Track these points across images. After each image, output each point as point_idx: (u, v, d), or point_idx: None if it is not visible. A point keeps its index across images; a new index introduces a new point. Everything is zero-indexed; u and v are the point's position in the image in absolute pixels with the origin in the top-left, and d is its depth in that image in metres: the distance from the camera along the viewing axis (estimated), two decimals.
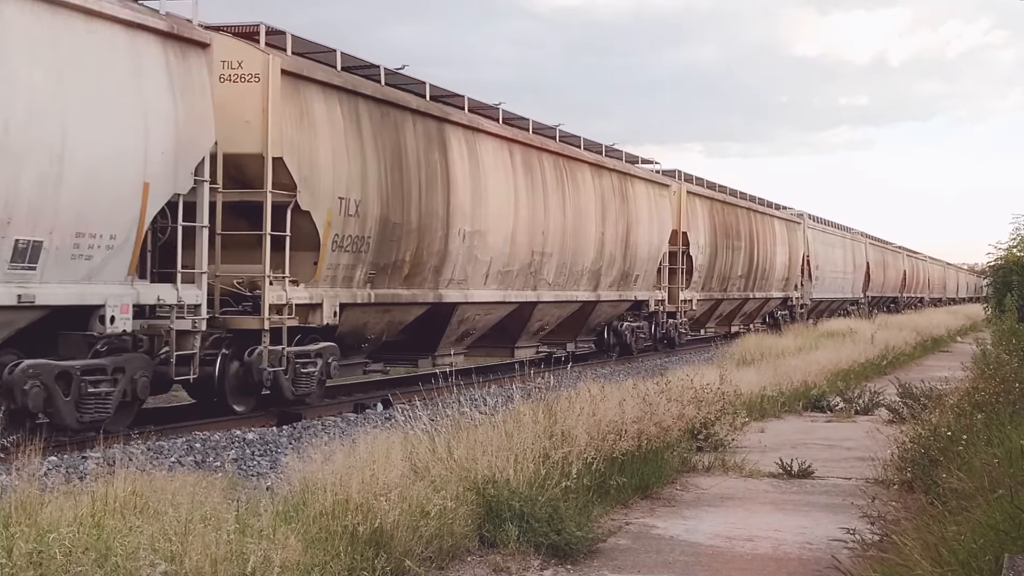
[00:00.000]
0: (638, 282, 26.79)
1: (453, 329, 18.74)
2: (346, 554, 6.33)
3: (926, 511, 7.15)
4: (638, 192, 26.79)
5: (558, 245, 21.90)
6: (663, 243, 28.40)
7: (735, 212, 35.86)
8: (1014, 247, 26.93)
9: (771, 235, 39.74)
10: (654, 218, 27.69)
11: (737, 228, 35.55)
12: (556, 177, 22.20)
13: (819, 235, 48.25)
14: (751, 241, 37.09)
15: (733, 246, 34.96)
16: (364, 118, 15.81)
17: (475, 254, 18.71)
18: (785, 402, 16.58)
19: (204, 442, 12.33)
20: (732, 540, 8.25)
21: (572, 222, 22.56)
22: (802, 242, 44.19)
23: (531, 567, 7.27)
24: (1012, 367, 13.00)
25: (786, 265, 41.60)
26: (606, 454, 9.23)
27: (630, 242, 25.91)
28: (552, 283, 21.90)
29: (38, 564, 5.39)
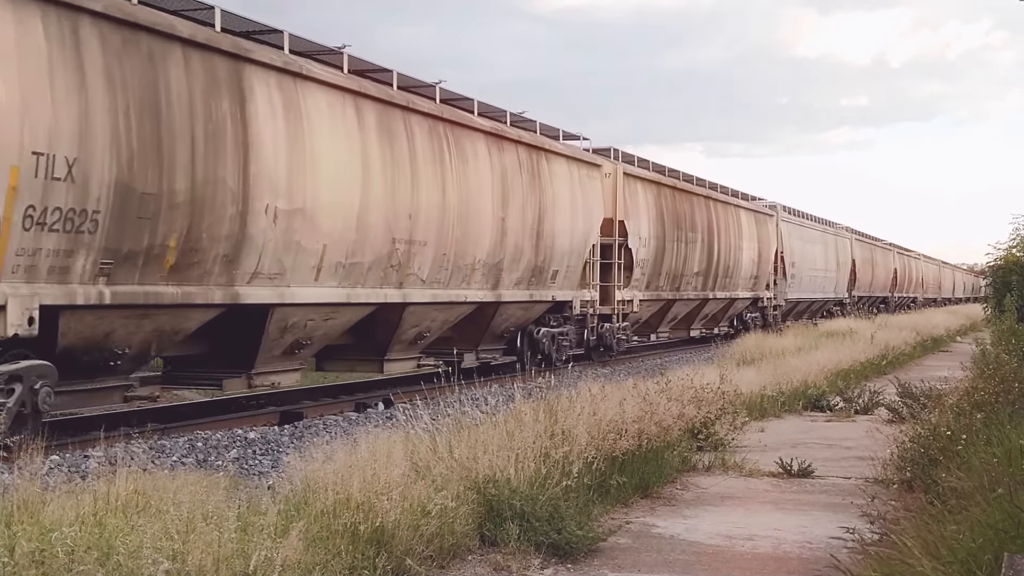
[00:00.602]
0: (557, 279, 22.06)
1: (273, 339, 14.20)
2: (347, 553, 6.34)
3: (926, 510, 7.17)
4: (556, 171, 21.93)
5: (435, 232, 17.13)
6: (591, 233, 23.75)
7: (689, 200, 31.14)
8: (1013, 247, 26.94)
9: (736, 228, 35.16)
10: (579, 203, 22.89)
11: (692, 218, 30.88)
12: (434, 147, 17.26)
13: (795, 229, 44.00)
14: (710, 234, 32.41)
15: (687, 239, 30.31)
16: (89, 43, 11.12)
17: (297, 240, 13.92)
18: (785, 402, 16.60)
19: (206, 441, 12.36)
20: (732, 539, 8.27)
21: (457, 204, 17.75)
22: (775, 237, 40.08)
23: (532, 566, 7.29)
24: (1011, 367, 13.03)
25: (755, 262, 37.10)
26: (606, 453, 9.25)
27: (544, 231, 21.05)
28: (428, 279, 17.23)
29: (40, 563, 5.41)
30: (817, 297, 47.96)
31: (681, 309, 31.30)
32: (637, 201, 27.05)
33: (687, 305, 31.55)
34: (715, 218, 32.97)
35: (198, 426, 13.41)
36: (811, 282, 46.09)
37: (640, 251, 26.82)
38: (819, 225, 49.48)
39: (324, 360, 17.28)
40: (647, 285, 27.78)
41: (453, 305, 18.29)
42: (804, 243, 44.86)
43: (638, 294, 27.01)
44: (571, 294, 22.96)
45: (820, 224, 49.86)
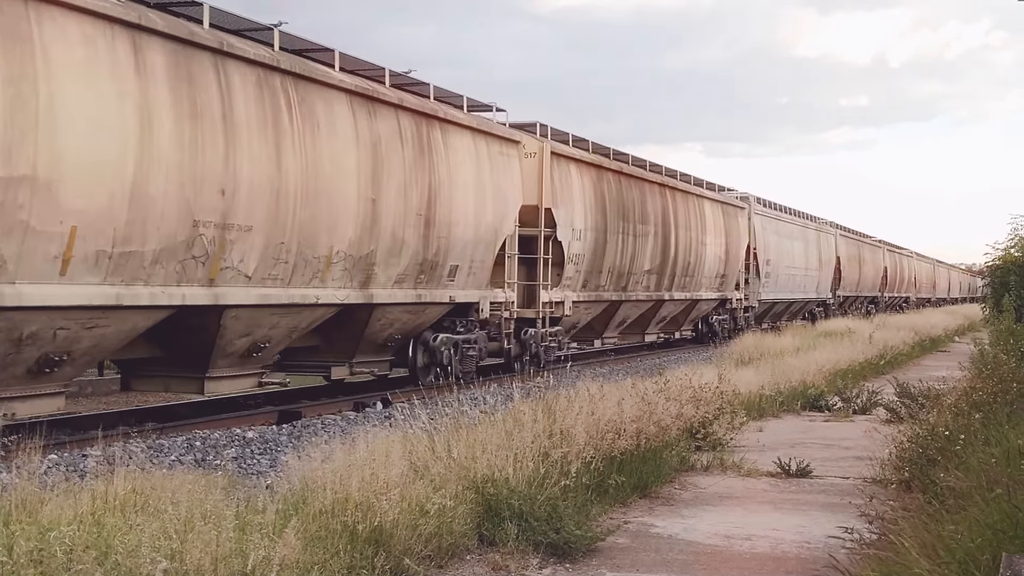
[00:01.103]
0: (458, 277, 18.22)
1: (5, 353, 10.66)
2: (346, 552, 6.34)
3: (924, 510, 7.17)
4: (456, 146, 17.98)
5: (265, 214, 13.18)
6: (505, 222, 19.72)
7: (639, 188, 26.98)
8: (1012, 248, 26.94)
9: (699, 220, 31.28)
10: (487, 186, 18.93)
11: (642, 208, 26.87)
12: (265, 104, 13.26)
13: (771, 223, 40.04)
14: (665, 226, 28.37)
15: (636, 232, 26.34)
16: None
17: (22, 220, 10.27)
18: (783, 401, 16.61)
19: (204, 440, 12.35)
20: (730, 539, 8.27)
21: (302, 179, 13.80)
22: (746, 231, 36.24)
23: (530, 566, 7.29)
24: (1010, 367, 13.04)
25: (721, 259, 33.21)
26: (605, 453, 9.25)
27: (437, 218, 17.16)
28: (257, 276, 13.29)
29: (39, 562, 5.40)
30: (796, 297, 44.33)
31: (630, 312, 27.34)
32: (570, 186, 22.98)
33: (638, 307, 27.68)
34: (672, 208, 29.11)
35: (196, 425, 13.40)
36: (789, 281, 42.39)
37: (573, 245, 22.86)
38: (799, 219, 45.40)
39: (131, 378, 14.12)
40: (584, 284, 23.89)
41: (301, 308, 14.34)
42: (781, 238, 41.21)
43: (571, 295, 23.13)
44: (478, 294, 19.10)
45: (800, 218, 45.92)
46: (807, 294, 45.73)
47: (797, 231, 44.07)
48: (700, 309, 33.00)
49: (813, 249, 46.38)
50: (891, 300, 66.52)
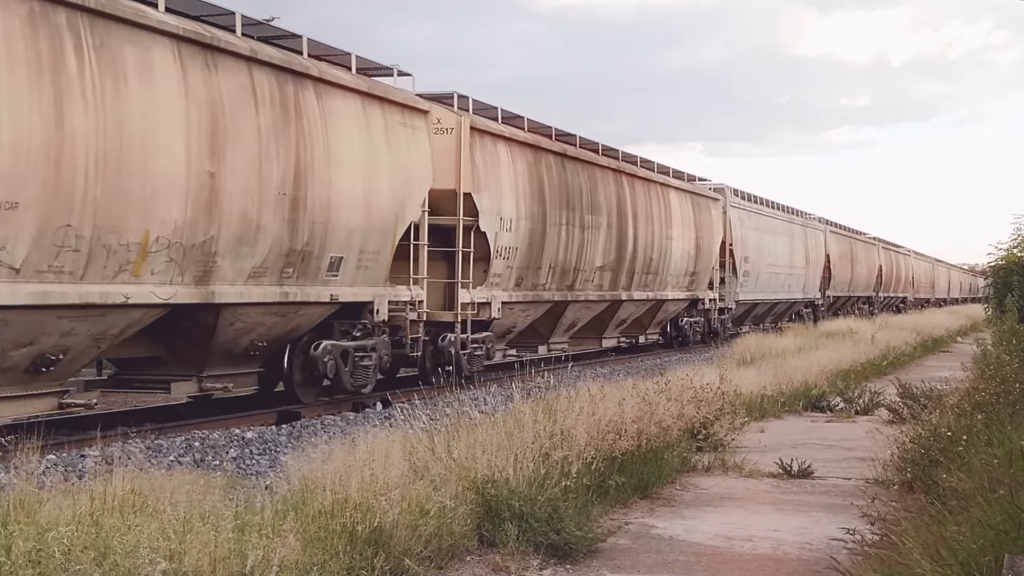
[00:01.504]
0: (344, 271, 15.00)
1: None
2: (345, 553, 6.32)
3: (926, 511, 7.15)
4: (337, 111, 14.70)
5: (37, 188, 10.30)
6: (408, 207, 16.43)
7: (589, 173, 23.75)
8: (1015, 247, 26.92)
9: (664, 212, 28.03)
10: (382, 163, 15.61)
11: (593, 197, 23.67)
12: (40, 48, 10.30)
13: (750, 217, 36.83)
14: (621, 217, 25.09)
15: (584, 223, 23.14)
16: None
17: None
18: (785, 402, 16.59)
19: (203, 441, 12.33)
20: (731, 540, 8.25)
21: (98, 145, 10.90)
22: (720, 225, 33.10)
23: (530, 567, 7.26)
24: (1012, 368, 13.00)
25: (690, 255, 29.94)
26: (606, 454, 9.23)
27: (308, 198, 13.93)
28: (27, 267, 10.36)
29: (37, 563, 5.39)
30: (780, 298, 41.08)
31: (581, 314, 24.25)
32: (497, 169, 19.74)
33: (589, 308, 24.56)
34: (631, 198, 25.83)
35: (195, 426, 13.37)
36: (772, 280, 39.19)
37: (501, 236, 19.66)
38: (782, 213, 42.21)
39: None
40: (518, 282, 20.61)
41: (105, 310, 11.39)
42: (762, 234, 37.94)
43: (501, 294, 19.91)
44: (372, 292, 15.79)
45: (784, 212, 42.68)
46: (792, 294, 42.67)
47: (781, 226, 40.93)
48: (667, 311, 29.82)
49: (799, 246, 43.38)
50: (886, 300, 63.59)
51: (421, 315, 17.35)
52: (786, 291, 41.59)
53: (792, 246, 42.26)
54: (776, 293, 40.28)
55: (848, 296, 54.08)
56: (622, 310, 26.41)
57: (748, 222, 36.55)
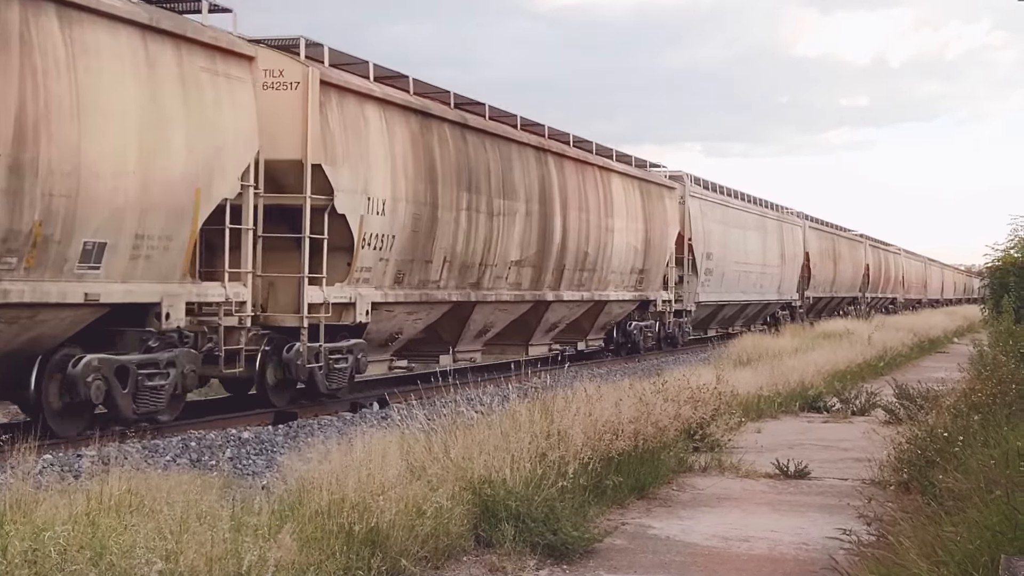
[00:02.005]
0: (108, 261, 11.25)
1: None
2: (342, 553, 6.32)
3: (922, 512, 7.15)
4: (91, 46, 10.88)
5: None
6: (221, 177, 12.81)
7: (501, 149, 19.67)
8: (1011, 248, 26.92)
9: (604, 199, 24.07)
10: (175, 119, 11.99)
11: (506, 177, 19.66)
12: None
13: (713, 209, 33.03)
14: (546, 203, 21.06)
15: (494, 208, 19.15)
16: None
17: None
18: (782, 402, 16.59)
19: (199, 441, 12.31)
20: (728, 541, 8.25)
21: None
22: (676, 217, 29.14)
23: (527, 567, 7.26)
24: (1009, 368, 13.01)
25: (638, 250, 25.94)
26: (602, 454, 9.23)
27: (44, 160, 10.24)
28: None
29: (33, 563, 5.38)
30: (751, 299, 37.06)
31: (494, 317, 20.26)
32: (365, 136, 15.70)
33: (506, 311, 20.46)
34: (559, 181, 21.78)
35: (191, 426, 13.34)
36: (741, 280, 35.36)
37: (371, 221, 15.66)
38: (754, 206, 38.03)
39: None
40: (398, 279, 16.64)
41: None
42: (729, 228, 34.27)
43: (372, 292, 15.96)
44: (158, 292, 12.08)
45: (757, 205, 38.58)
46: (766, 295, 38.53)
47: (752, 220, 37.09)
48: (610, 313, 25.72)
49: (774, 242, 39.47)
50: (874, 302, 59.33)
51: (243, 320, 13.57)
52: (758, 292, 37.62)
53: (765, 242, 38.45)
54: (746, 294, 36.34)
55: (831, 297, 50.33)
56: (551, 312, 22.12)
57: (711, 214, 32.74)
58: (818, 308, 48.02)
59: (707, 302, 32.54)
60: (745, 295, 36.35)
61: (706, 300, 32.29)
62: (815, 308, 47.28)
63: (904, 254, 73.65)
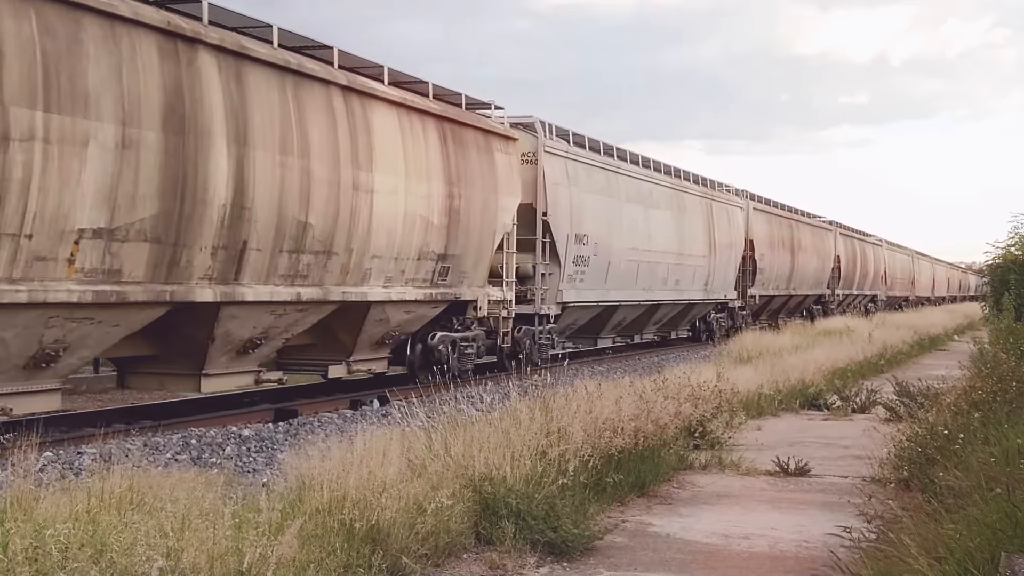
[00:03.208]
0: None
1: None
2: (342, 550, 6.32)
3: (923, 509, 7.16)
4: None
5: None
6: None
7: None
8: (1012, 246, 26.92)
9: (355, 142, 15.27)
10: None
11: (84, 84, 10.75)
12: None
13: (592, 175, 24.20)
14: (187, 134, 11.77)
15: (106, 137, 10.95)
16: None
17: None
18: (782, 400, 16.60)
19: (200, 438, 12.32)
20: (728, 538, 8.25)
21: None
22: (514, 180, 20.31)
23: (527, 564, 7.27)
24: (1009, 366, 13.02)
25: (433, 224, 17.25)
26: (603, 451, 9.23)
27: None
28: None
29: (34, 560, 5.38)
30: (659, 299, 28.11)
31: None
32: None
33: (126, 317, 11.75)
34: (242, 105, 13.01)
35: (192, 423, 13.37)
36: (641, 273, 26.61)
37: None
38: (662, 176, 29.01)
39: None
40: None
41: None
42: (618, 203, 25.44)
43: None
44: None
45: (668, 176, 29.60)
46: (686, 293, 30.14)
47: (660, 195, 28.32)
48: (386, 322, 16.73)
49: (697, 225, 30.96)
50: (846, 299, 51.77)
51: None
52: (674, 288, 29.08)
53: (684, 225, 29.84)
54: (650, 291, 27.41)
55: (787, 295, 41.68)
56: (225, 322, 13.14)
57: (586, 181, 23.74)
58: (771, 309, 40.44)
59: (581, 303, 23.47)
60: (649, 294, 27.34)
61: (577, 300, 23.16)
62: (767, 308, 39.75)
63: (887, 246, 65.52)
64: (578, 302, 23.51)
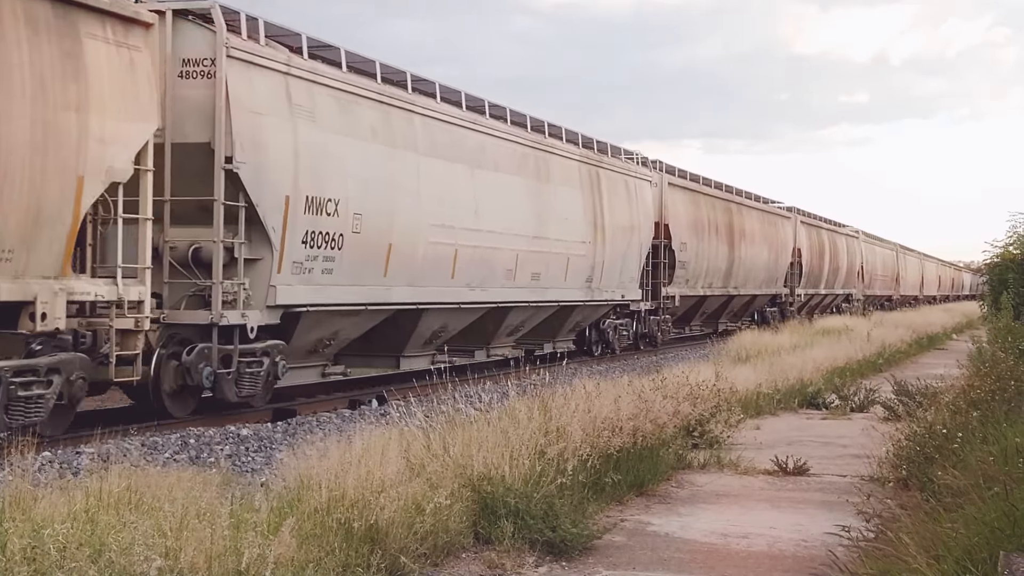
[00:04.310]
0: None
1: None
2: (341, 550, 6.32)
3: (921, 508, 7.16)
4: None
5: None
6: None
7: None
8: (1010, 245, 26.92)
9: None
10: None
11: None
12: None
13: (357, 111, 15.93)
14: None
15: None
16: None
17: None
18: (780, 399, 16.60)
19: (198, 438, 12.31)
20: (727, 537, 8.25)
21: None
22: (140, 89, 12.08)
23: (526, 564, 7.26)
24: (1008, 365, 13.02)
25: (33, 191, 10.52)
26: (601, 451, 9.23)
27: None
28: None
29: (32, 560, 5.38)
30: (501, 300, 19.87)
31: None
32: None
33: None
34: None
35: (190, 423, 13.35)
36: (466, 265, 18.60)
37: None
38: (509, 128, 20.56)
39: None
40: None
41: None
42: (404, 156, 17.09)
43: None
44: None
45: (519, 130, 21.03)
46: (552, 292, 21.84)
47: (499, 152, 19.90)
48: None
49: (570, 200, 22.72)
50: (811, 300, 44.64)
51: None
52: (524, 286, 20.67)
53: (548, 198, 21.62)
54: (483, 289, 19.18)
55: (725, 295, 33.33)
56: None
57: (332, 117, 15.48)
58: (705, 312, 32.66)
59: (321, 306, 15.18)
60: (481, 292, 19.06)
61: (312, 303, 14.97)
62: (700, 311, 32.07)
63: (865, 238, 57.14)
64: (316, 305, 15.06)
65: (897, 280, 65.78)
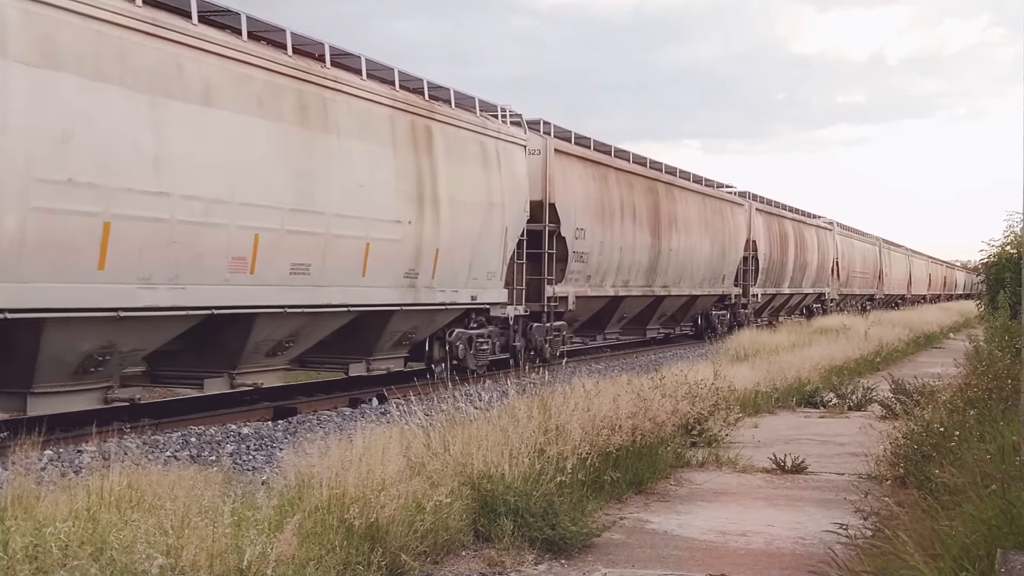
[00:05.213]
0: None
1: None
2: (342, 548, 6.34)
3: (919, 506, 7.18)
4: None
5: None
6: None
7: None
8: (1007, 244, 26.96)
9: None
10: None
11: None
12: None
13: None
14: None
15: None
16: None
17: None
18: (779, 398, 16.63)
19: (199, 436, 12.35)
20: (726, 535, 8.28)
21: None
22: None
23: (525, 562, 7.29)
24: (1004, 363, 13.04)
25: None
26: (600, 449, 9.26)
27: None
28: None
29: (34, 558, 5.40)
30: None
31: None
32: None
33: None
34: None
35: (191, 421, 13.39)
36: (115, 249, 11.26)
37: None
38: (238, 45, 13.14)
39: None
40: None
41: None
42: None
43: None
44: None
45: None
46: (335, 293, 15.08)
47: (224, 84, 12.90)
48: None
49: (376, 162, 16.00)
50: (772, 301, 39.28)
51: None
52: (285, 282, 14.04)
53: (324, 155, 14.75)
54: (181, 283, 12.32)
55: (650, 295, 27.41)
56: None
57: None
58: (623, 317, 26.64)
59: None
60: (182, 291, 12.38)
61: None
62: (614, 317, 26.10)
63: (840, 230, 50.40)
64: None
65: (880, 277, 59.39)
